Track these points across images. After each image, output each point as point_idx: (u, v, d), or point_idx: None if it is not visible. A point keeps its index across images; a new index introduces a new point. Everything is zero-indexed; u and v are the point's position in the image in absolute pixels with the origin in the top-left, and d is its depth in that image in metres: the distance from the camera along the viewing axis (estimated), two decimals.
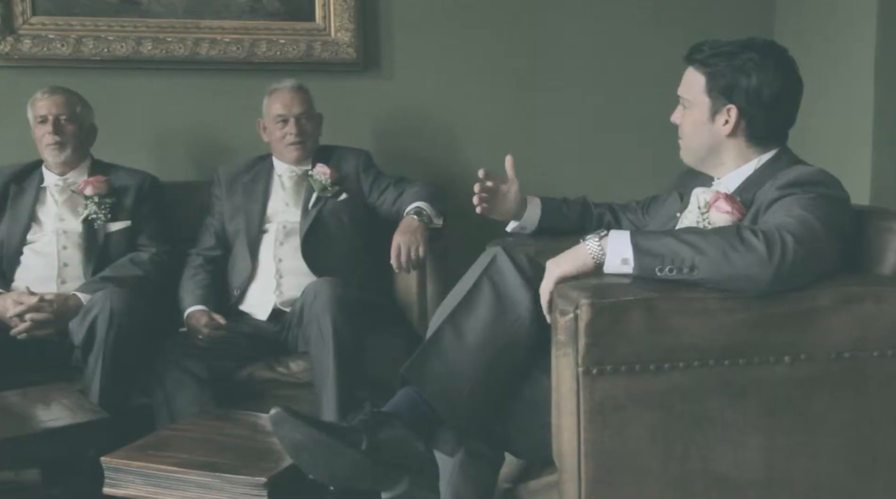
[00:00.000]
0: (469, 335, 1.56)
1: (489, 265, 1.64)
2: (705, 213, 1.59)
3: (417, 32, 2.84)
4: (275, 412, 1.41)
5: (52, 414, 1.79)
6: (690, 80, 1.64)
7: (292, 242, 2.42)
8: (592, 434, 1.40)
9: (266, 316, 2.37)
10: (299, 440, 1.40)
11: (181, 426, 1.76)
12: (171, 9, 2.71)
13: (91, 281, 2.31)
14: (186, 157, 2.76)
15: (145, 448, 1.62)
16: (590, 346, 1.38)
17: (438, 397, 1.52)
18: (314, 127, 2.52)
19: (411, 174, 2.61)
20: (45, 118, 2.40)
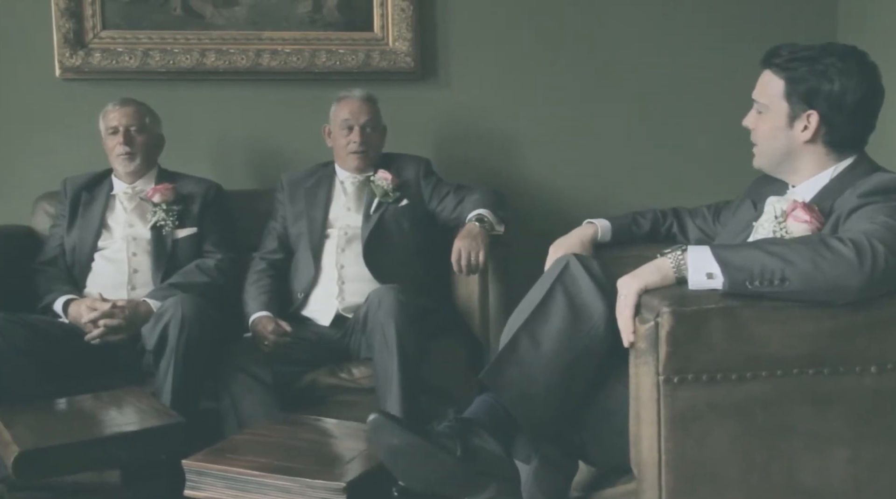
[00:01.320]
0: (545, 343, 1.57)
1: (562, 273, 1.64)
2: (782, 222, 1.58)
3: (474, 41, 2.86)
4: (373, 418, 1.44)
5: (130, 417, 1.83)
6: (767, 84, 1.62)
7: (354, 249, 2.45)
8: (673, 443, 1.39)
9: (329, 322, 2.40)
10: (396, 446, 1.41)
11: (255, 431, 1.79)
12: (234, 21, 2.77)
13: (160, 288, 2.36)
14: (248, 165, 2.81)
15: (223, 452, 1.65)
16: (671, 354, 1.38)
17: (515, 403, 1.53)
18: (378, 138, 2.55)
19: (469, 182, 2.63)
20: (116, 129, 2.46)
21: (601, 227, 1.95)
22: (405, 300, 2.20)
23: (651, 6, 2.90)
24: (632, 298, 1.44)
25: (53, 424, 1.82)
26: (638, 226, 1.98)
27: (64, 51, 2.69)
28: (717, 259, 1.39)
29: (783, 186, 1.70)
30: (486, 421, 1.51)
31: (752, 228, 1.69)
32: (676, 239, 1.97)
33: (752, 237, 1.67)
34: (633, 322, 1.43)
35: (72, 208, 2.48)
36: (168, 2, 2.74)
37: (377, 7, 2.80)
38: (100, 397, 1.99)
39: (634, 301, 1.44)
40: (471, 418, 1.51)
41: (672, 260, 1.44)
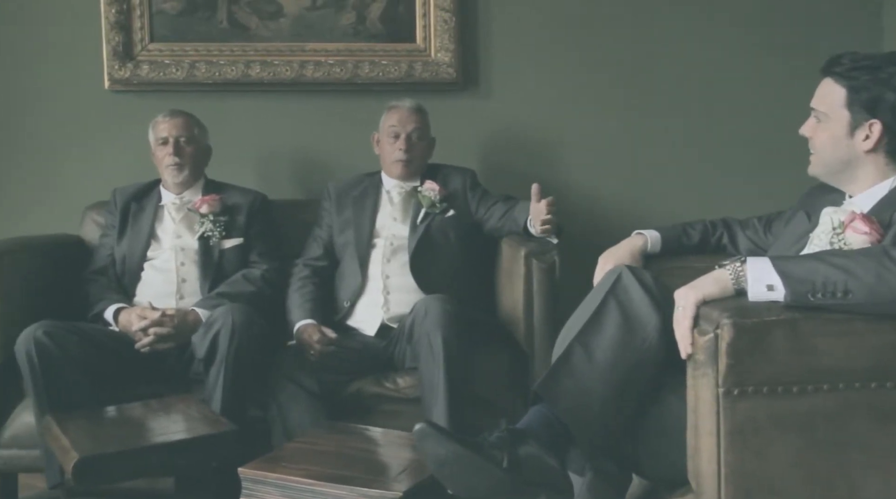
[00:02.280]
0: (598, 354, 1.56)
1: (615, 284, 1.64)
2: (840, 233, 1.57)
3: (516, 51, 2.87)
4: (419, 427, 1.44)
5: (184, 425, 1.85)
6: (827, 92, 1.61)
7: (400, 259, 2.46)
8: (732, 456, 1.39)
9: (374, 332, 2.41)
10: (442, 455, 1.42)
11: (307, 439, 1.80)
12: (278, 33, 2.80)
13: (207, 297, 2.39)
14: (292, 176, 2.84)
15: (278, 460, 1.67)
16: (731, 366, 1.37)
17: (570, 414, 1.53)
18: (424, 148, 2.57)
19: (510, 192, 2.63)
20: (165, 140, 2.50)
21: (651, 238, 1.95)
22: (452, 310, 2.21)
23: (694, 15, 2.89)
24: (690, 310, 1.43)
25: (109, 431, 1.85)
26: (688, 237, 1.97)
27: (113, 63, 2.74)
28: (778, 271, 1.38)
29: (839, 196, 1.68)
30: (541, 432, 1.51)
31: (808, 239, 1.68)
32: (727, 250, 1.96)
33: (808, 249, 1.66)
34: (692, 334, 1.43)
35: (122, 219, 2.51)
36: (214, 15, 2.78)
37: (420, 18, 2.82)
38: (152, 405, 2.02)
39: (693, 312, 1.43)
40: (523, 428, 1.51)
41: (731, 271, 1.43)
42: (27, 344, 2.07)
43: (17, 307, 2.28)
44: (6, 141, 2.77)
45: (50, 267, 2.45)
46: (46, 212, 2.75)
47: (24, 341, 2.08)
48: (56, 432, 1.82)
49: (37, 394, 2.06)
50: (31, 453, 2.22)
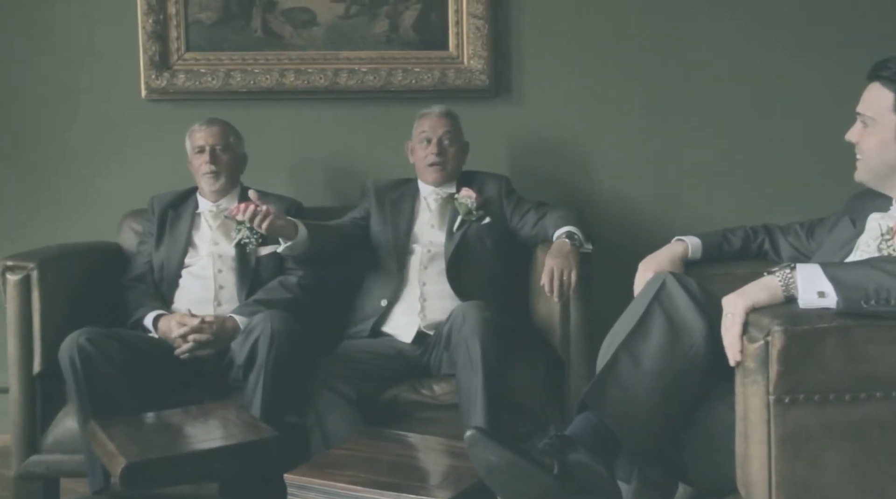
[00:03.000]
0: (645, 361, 1.56)
1: (659, 291, 1.64)
2: (889, 239, 1.56)
3: (548, 58, 2.87)
4: (470, 433, 1.45)
5: (227, 431, 1.87)
6: (875, 97, 1.60)
7: (436, 266, 2.47)
8: (784, 465, 1.38)
9: (410, 339, 2.42)
10: (493, 462, 1.42)
11: (350, 446, 1.81)
12: (312, 42, 2.82)
13: (245, 304, 2.40)
14: (326, 183, 2.86)
15: (323, 466, 1.68)
16: (782, 374, 1.36)
17: (617, 422, 1.53)
18: (457, 151, 2.58)
19: (543, 199, 2.63)
20: (202, 148, 2.52)
21: (691, 244, 1.94)
22: (490, 317, 2.21)
23: (728, 20, 2.87)
24: (739, 317, 1.43)
25: (153, 436, 1.87)
26: (729, 243, 1.96)
27: (150, 72, 2.77)
28: (829, 277, 1.37)
29: (885, 202, 1.67)
30: (588, 439, 1.51)
31: (854, 246, 1.67)
32: (768, 257, 1.95)
33: (855, 255, 1.65)
34: (741, 341, 1.42)
35: (159, 226, 2.54)
36: (249, 24, 2.81)
37: (452, 26, 2.83)
38: (192, 411, 2.03)
39: (742, 319, 1.42)
40: (572, 436, 1.51)
41: (780, 278, 1.43)
42: (70, 350, 2.10)
43: (58, 314, 2.30)
44: (45, 149, 2.81)
45: (89, 274, 2.48)
46: (84, 219, 2.78)
47: (68, 348, 2.10)
48: (102, 437, 1.84)
49: (80, 400, 2.09)
50: (72, 457, 2.24)
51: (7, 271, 2.27)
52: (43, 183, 2.81)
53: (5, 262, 2.28)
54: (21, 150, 2.81)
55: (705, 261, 1.95)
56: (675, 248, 1.94)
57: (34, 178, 2.81)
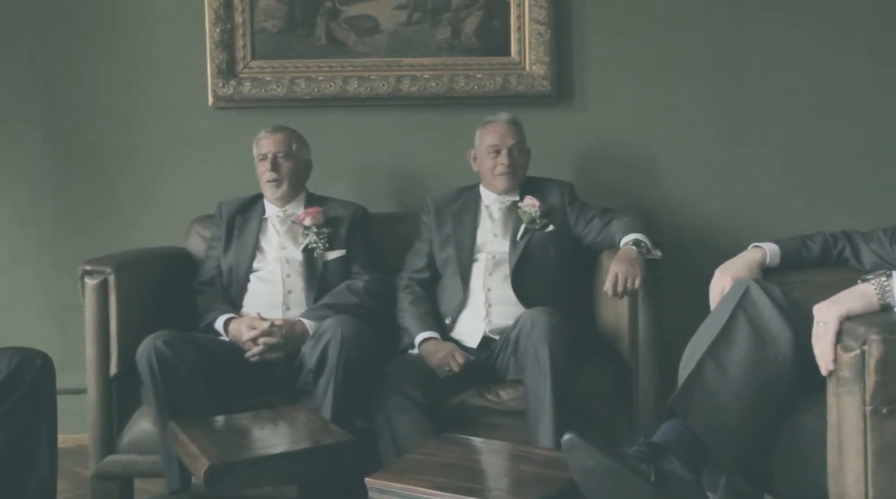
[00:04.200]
0: (731, 369, 1.55)
1: (742, 298, 1.63)
2: None
3: (611, 63, 2.86)
4: (568, 438, 1.45)
5: (304, 434, 1.89)
6: None
7: (501, 272, 2.48)
8: (881, 477, 1.36)
9: (476, 343, 2.42)
10: (590, 467, 1.42)
11: (428, 451, 1.82)
12: (375, 49, 2.85)
13: (313, 308, 2.42)
14: (389, 189, 2.88)
15: (402, 471, 1.69)
16: (880, 384, 1.34)
17: (705, 430, 1.52)
18: (524, 160, 2.58)
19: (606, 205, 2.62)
20: (265, 156, 2.55)
21: (769, 251, 1.92)
22: (558, 323, 2.21)
23: (797, 23, 2.84)
24: (832, 325, 1.41)
25: (232, 438, 1.90)
26: (808, 250, 1.93)
27: (217, 80, 2.83)
28: None
29: None
30: (677, 447, 1.50)
31: None
32: (848, 263, 1.92)
33: None
34: (835, 350, 1.40)
35: (227, 231, 2.57)
36: (313, 32, 2.85)
37: (514, 32, 2.84)
38: (267, 414, 2.06)
39: (835, 328, 1.41)
40: (661, 443, 1.50)
41: (876, 286, 1.41)
42: (148, 353, 2.14)
43: (133, 318, 2.35)
44: (116, 156, 2.88)
45: (161, 278, 2.53)
46: (154, 225, 2.84)
47: (145, 350, 2.14)
48: (183, 438, 1.87)
49: (157, 401, 2.13)
50: (147, 458, 2.29)
51: (86, 276, 2.32)
52: (113, 188, 2.88)
53: (84, 266, 2.33)
54: (94, 157, 2.88)
55: (783, 268, 1.93)
56: (752, 254, 1.92)
57: (106, 184, 2.88)
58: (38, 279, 2.88)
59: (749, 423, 1.53)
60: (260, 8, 2.83)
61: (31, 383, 1.79)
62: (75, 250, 2.83)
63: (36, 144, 2.88)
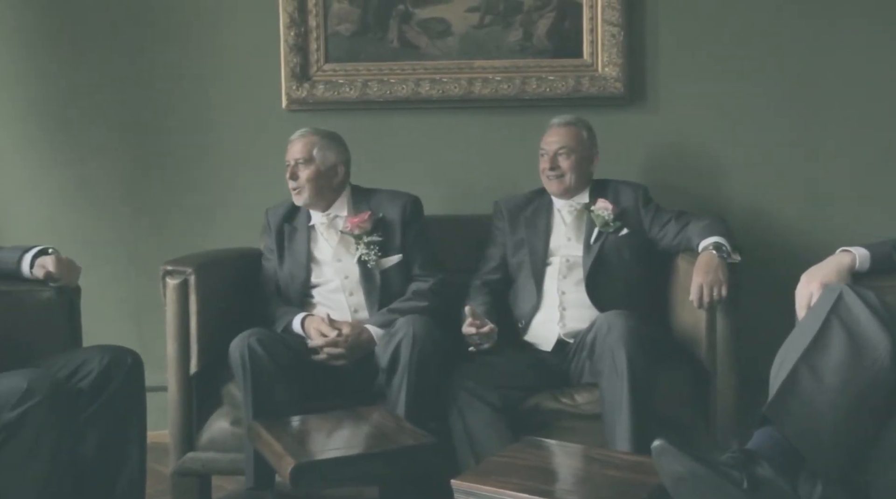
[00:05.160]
0: (827, 376, 1.52)
1: (836, 303, 1.59)
2: None
3: (684, 64, 2.83)
4: (658, 444, 1.44)
5: (387, 435, 1.90)
6: None
7: (575, 276, 2.46)
8: None
9: (550, 347, 2.41)
10: (681, 473, 1.40)
11: (512, 454, 1.81)
12: (447, 52, 2.86)
13: (380, 313, 2.41)
14: (460, 191, 2.88)
15: (488, 473, 1.69)
16: None
17: (800, 437, 1.49)
18: (577, 161, 2.52)
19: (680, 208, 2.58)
20: (287, 164, 2.47)
21: (859, 255, 1.87)
22: (635, 326, 2.19)
23: (872, 23, 2.77)
24: None
25: (316, 438, 1.92)
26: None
27: (291, 83, 2.86)
28: None
29: None
30: (771, 455, 1.47)
31: None
32: None
33: None
34: None
35: (278, 242, 2.51)
36: (386, 35, 2.87)
37: (587, 34, 2.82)
38: (347, 415, 2.08)
39: None
40: (755, 450, 1.47)
41: None
42: (241, 349, 2.16)
43: (213, 317, 2.39)
44: (191, 158, 2.94)
45: (238, 279, 2.55)
46: (229, 226, 2.88)
47: (238, 347, 2.17)
48: (267, 437, 1.90)
49: (245, 398, 2.16)
50: (225, 456, 2.33)
51: (167, 276, 2.37)
52: (190, 191, 2.94)
53: (165, 266, 2.38)
54: (170, 160, 2.94)
55: (873, 272, 1.88)
56: (841, 259, 1.87)
57: (182, 186, 2.94)
58: (117, 279, 2.95)
59: (846, 431, 1.49)
60: (333, 12, 2.86)
61: (122, 381, 1.84)
62: (152, 251, 2.91)
63: (114, 147, 2.95)
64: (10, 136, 2.93)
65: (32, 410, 1.55)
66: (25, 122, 2.92)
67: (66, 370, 1.78)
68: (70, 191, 2.94)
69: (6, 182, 2.94)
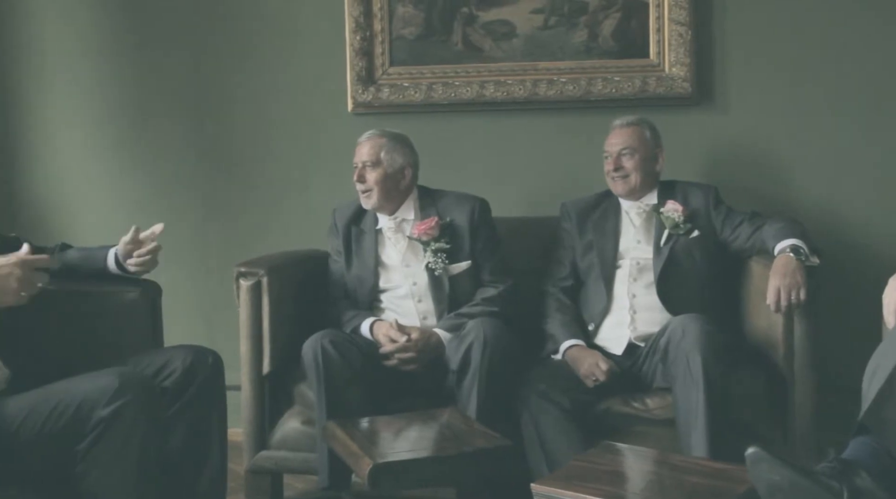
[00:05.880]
0: None
1: None
2: None
3: (754, 64, 2.77)
4: (752, 451, 1.41)
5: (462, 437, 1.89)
6: None
7: (645, 279, 2.43)
8: None
9: (621, 350, 2.39)
10: (776, 482, 1.38)
11: (588, 458, 1.80)
12: (511, 53, 2.86)
13: (449, 318, 2.41)
14: (525, 193, 2.87)
15: (569, 478, 1.68)
16: None
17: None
18: (639, 161, 2.49)
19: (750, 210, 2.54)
20: (355, 166, 2.49)
21: None
22: (711, 330, 2.16)
23: None
24: None
25: (392, 439, 1.93)
26: None
27: (357, 87, 2.89)
28: None
29: None
30: (870, 465, 1.43)
31: None
32: None
33: None
34: None
35: (345, 244, 2.52)
36: (450, 38, 2.88)
37: (653, 33, 2.79)
38: (420, 416, 2.08)
39: None
40: (853, 460, 1.44)
41: None
42: (314, 350, 2.19)
43: (284, 318, 2.43)
44: (259, 161, 2.99)
45: (307, 281, 2.58)
46: (294, 228, 2.93)
47: (311, 347, 2.20)
48: (343, 437, 1.91)
49: (318, 398, 2.19)
50: (297, 455, 2.36)
51: (240, 277, 2.41)
52: (258, 193, 2.99)
53: (239, 268, 2.42)
54: (239, 163, 3.00)
55: None
56: None
57: (250, 188, 2.99)
58: (187, 280, 3.01)
59: None
60: (398, 16, 2.88)
61: (204, 381, 1.87)
62: (221, 252, 2.98)
63: (185, 150, 3.01)
64: (89, 140, 3.02)
65: (124, 407, 1.58)
66: (103, 126, 3.00)
67: (151, 369, 1.82)
68: (145, 194, 3.01)
69: (85, 185, 3.03)
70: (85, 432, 1.58)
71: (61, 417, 1.57)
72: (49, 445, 1.58)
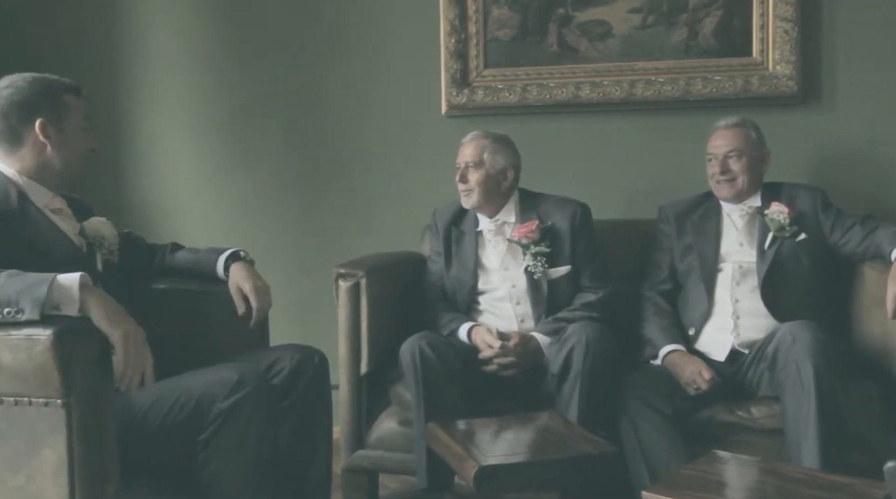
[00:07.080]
0: None
1: None
2: None
3: (863, 62, 2.67)
4: (892, 465, 1.35)
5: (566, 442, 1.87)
6: None
7: (749, 283, 2.36)
8: None
9: (724, 357, 2.33)
10: None
11: (697, 467, 1.75)
12: (607, 54, 2.82)
13: (547, 322, 2.39)
14: (622, 195, 2.83)
15: (679, 486, 1.64)
16: None
17: None
18: (746, 164, 2.42)
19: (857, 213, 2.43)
20: (458, 166, 2.49)
21: None
22: (823, 338, 2.09)
23: None
24: None
25: (495, 442, 1.92)
26: None
27: (451, 90, 2.90)
28: None
29: None
30: None
31: None
32: None
33: None
34: None
35: (445, 245, 2.54)
36: (545, 39, 2.86)
37: (757, 31, 2.72)
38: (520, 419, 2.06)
39: None
40: None
41: None
42: (412, 351, 2.21)
43: (382, 319, 2.45)
44: (354, 164, 3.03)
45: (403, 282, 2.60)
46: (389, 230, 2.96)
47: (409, 349, 2.22)
48: (445, 439, 1.92)
49: (416, 400, 2.20)
50: (393, 455, 2.38)
51: (340, 278, 2.45)
52: (352, 196, 3.03)
53: (338, 269, 2.46)
54: (334, 165, 3.05)
55: None
56: None
57: (345, 191, 3.03)
58: (283, 281, 3.06)
59: None
60: (493, 18, 2.88)
61: (310, 379, 1.91)
62: (317, 253, 3.03)
63: (282, 154, 3.08)
64: (194, 145, 3.12)
65: (243, 400, 1.63)
66: (207, 132, 3.10)
67: (261, 367, 1.86)
68: (245, 195, 3.09)
69: (189, 189, 3.13)
70: (206, 424, 1.63)
71: (184, 408, 1.63)
72: (172, 435, 1.64)
